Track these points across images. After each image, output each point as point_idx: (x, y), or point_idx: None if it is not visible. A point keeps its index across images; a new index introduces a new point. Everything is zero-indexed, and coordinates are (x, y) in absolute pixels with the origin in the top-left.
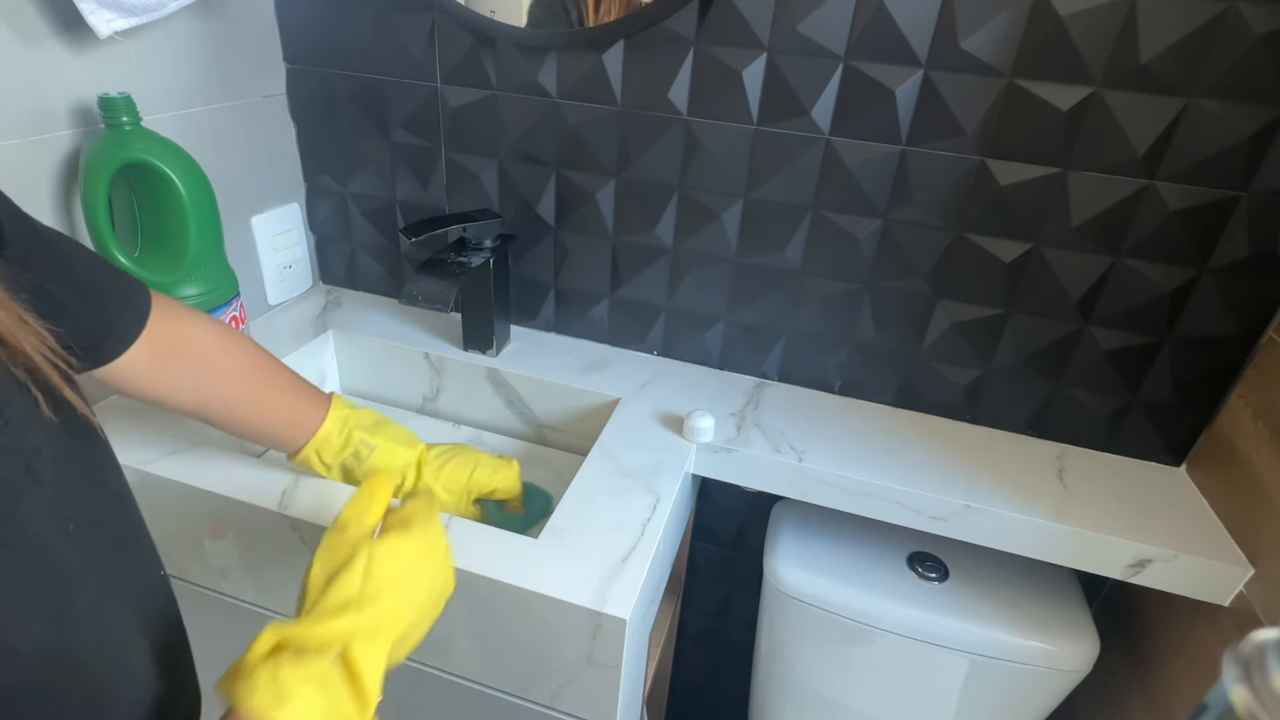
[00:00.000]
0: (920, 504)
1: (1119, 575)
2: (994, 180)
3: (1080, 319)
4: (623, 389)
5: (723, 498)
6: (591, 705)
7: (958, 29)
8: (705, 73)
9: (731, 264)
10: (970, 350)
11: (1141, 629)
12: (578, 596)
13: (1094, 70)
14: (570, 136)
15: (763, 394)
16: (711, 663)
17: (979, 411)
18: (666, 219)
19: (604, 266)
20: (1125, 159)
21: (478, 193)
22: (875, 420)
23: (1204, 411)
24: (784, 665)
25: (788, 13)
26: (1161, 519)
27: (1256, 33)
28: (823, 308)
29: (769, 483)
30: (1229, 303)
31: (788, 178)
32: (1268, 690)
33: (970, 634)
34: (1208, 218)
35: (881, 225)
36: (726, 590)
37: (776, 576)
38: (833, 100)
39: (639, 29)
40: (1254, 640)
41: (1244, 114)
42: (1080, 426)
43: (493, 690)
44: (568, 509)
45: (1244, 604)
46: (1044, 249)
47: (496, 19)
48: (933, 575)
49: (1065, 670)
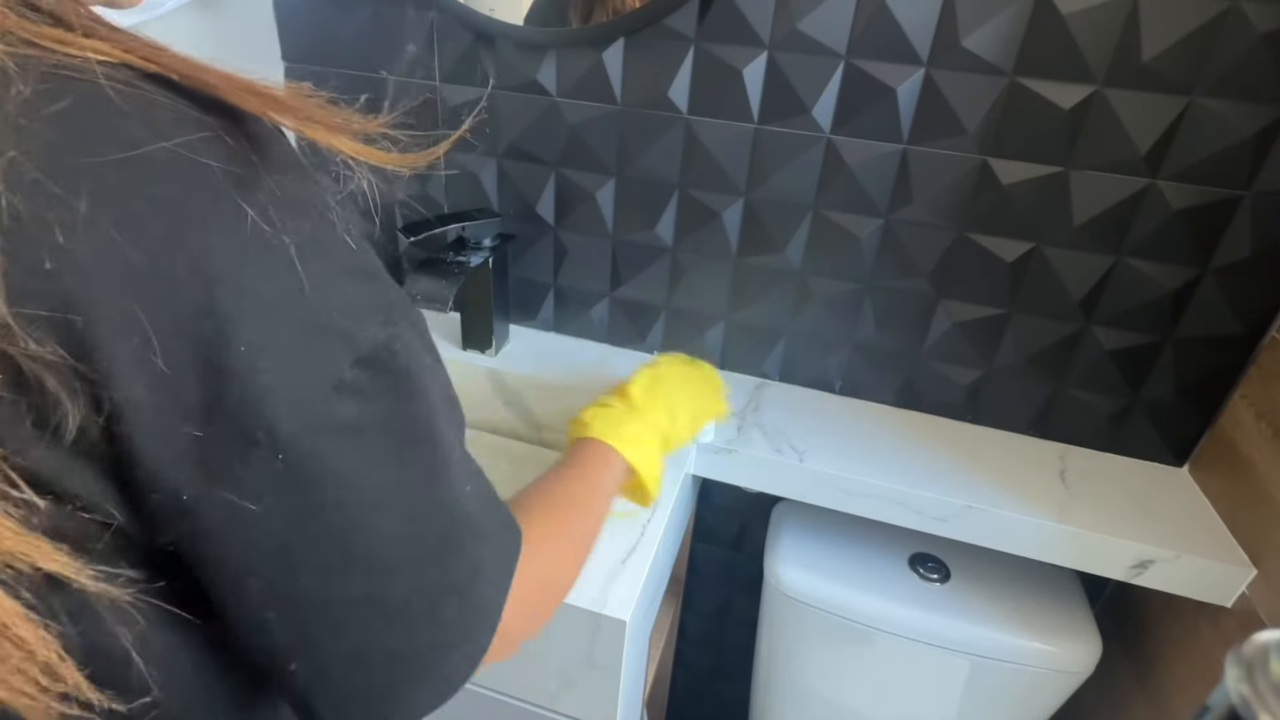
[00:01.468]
0: (922, 505)
1: (1121, 576)
2: (996, 179)
3: (1082, 318)
4: None
5: (723, 499)
6: (591, 706)
7: (959, 27)
8: (705, 71)
9: (731, 263)
10: (972, 350)
11: (1144, 630)
12: (577, 597)
13: (1096, 69)
14: (570, 135)
15: (763, 394)
16: (712, 664)
17: (981, 412)
18: (666, 218)
19: (604, 266)
20: (1127, 158)
21: (477, 192)
22: (876, 420)
23: (1206, 412)
24: (785, 667)
25: (788, 11)
26: (1164, 520)
27: (1259, 31)
28: (823, 307)
29: (769, 483)
30: (1231, 302)
31: (788, 177)
32: (1270, 691)
33: (972, 635)
34: (1210, 217)
35: (883, 224)
36: (727, 591)
37: (777, 578)
38: (834, 99)
39: (639, 27)
40: (1256, 641)
41: (1246, 113)
42: (1082, 427)
43: (493, 691)
44: None
45: (1246, 605)
46: (1046, 248)
47: (496, 17)
48: (934, 576)
49: (1067, 672)
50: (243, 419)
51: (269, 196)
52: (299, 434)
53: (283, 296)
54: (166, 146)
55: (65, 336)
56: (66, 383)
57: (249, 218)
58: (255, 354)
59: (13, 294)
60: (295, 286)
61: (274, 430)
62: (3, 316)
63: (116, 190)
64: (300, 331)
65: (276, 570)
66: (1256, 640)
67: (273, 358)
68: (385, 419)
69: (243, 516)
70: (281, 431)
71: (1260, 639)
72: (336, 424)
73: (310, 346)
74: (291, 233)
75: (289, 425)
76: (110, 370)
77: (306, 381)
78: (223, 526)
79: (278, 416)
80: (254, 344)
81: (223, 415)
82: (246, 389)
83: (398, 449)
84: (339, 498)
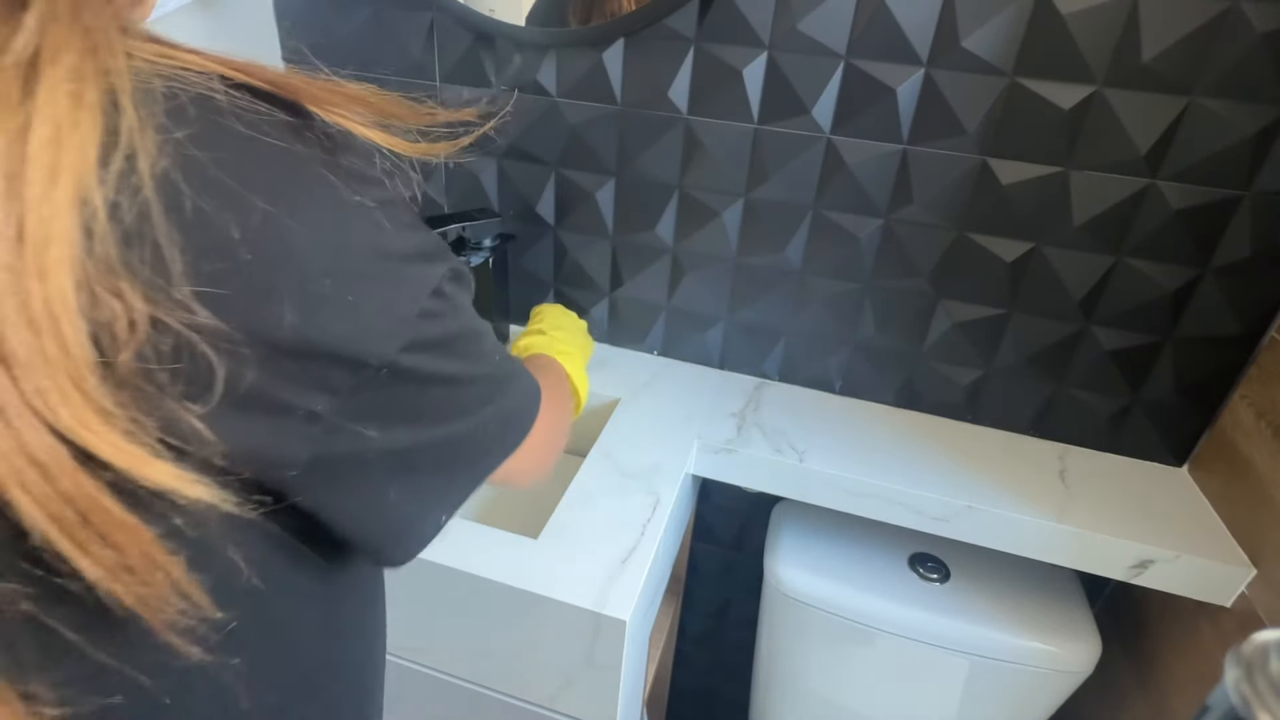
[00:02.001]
0: (921, 504)
1: (1121, 576)
2: (995, 179)
3: (1082, 319)
4: (622, 389)
5: (723, 498)
6: (591, 706)
7: (959, 27)
8: (705, 71)
9: (732, 263)
10: (972, 350)
11: (1143, 630)
12: (578, 598)
13: (1096, 69)
14: (570, 135)
15: (763, 394)
16: (712, 664)
17: (980, 412)
18: (666, 218)
19: (604, 266)
20: (1127, 158)
21: (477, 192)
22: (876, 420)
23: (1206, 412)
24: (785, 666)
25: (788, 11)
26: (1163, 520)
27: (1259, 31)
28: (823, 307)
29: (769, 483)
30: (1231, 302)
31: (788, 177)
32: (1270, 691)
33: (972, 635)
34: (1210, 217)
35: (882, 225)
36: (727, 591)
37: (777, 577)
38: (833, 99)
39: (639, 27)
40: (1256, 641)
41: (1246, 113)
42: (1082, 427)
43: (493, 691)
44: (568, 509)
45: (1246, 605)
46: (1046, 248)
47: (496, 17)
48: (934, 576)
49: (1067, 671)
50: (352, 352)
51: (347, 173)
52: (396, 355)
53: (379, 246)
54: (274, 143)
55: (224, 307)
56: (216, 346)
57: (338, 188)
58: (359, 300)
59: (190, 276)
60: (385, 237)
61: (381, 354)
62: (185, 296)
63: (267, 186)
64: (389, 275)
65: (402, 452)
66: (1256, 640)
67: (369, 300)
68: (457, 332)
69: (364, 427)
70: (385, 354)
71: (1260, 639)
72: (427, 342)
73: (396, 285)
74: (370, 198)
75: (389, 351)
76: (253, 329)
77: (399, 311)
78: (351, 438)
79: (380, 345)
80: (359, 287)
81: (329, 346)
82: (355, 327)
83: (468, 349)
84: (442, 394)
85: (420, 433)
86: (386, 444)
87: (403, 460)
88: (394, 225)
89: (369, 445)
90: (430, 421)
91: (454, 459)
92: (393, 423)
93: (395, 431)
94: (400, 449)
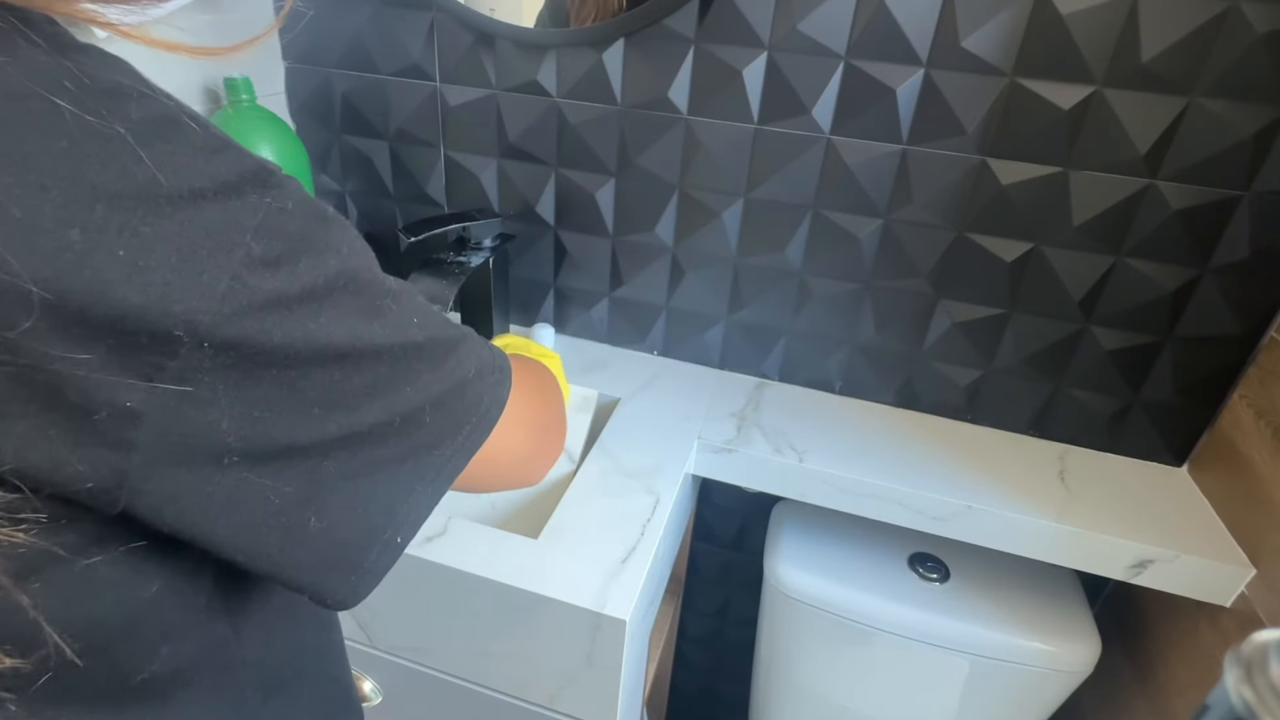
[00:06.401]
0: (921, 504)
1: (1120, 576)
2: (995, 179)
3: (1082, 319)
4: (622, 389)
5: (723, 498)
6: (591, 706)
7: (959, 28)
8: (705, 71)
9: (732, 264)
10: (971, 350)
11: (1143, 630)
12: (578, 597)
13: (1095, 69)
14: (570, 135)
15: (763, 394)
16: (712, 664)
17: (980, 412)
18: (666, 218)
19: (604, 266)
20: (1127, 158)
21: (477, 192)
22: (876, 420)
23: (1206, 412)
24: (785, 666)
25: (788, 11)
26: (1163, 520)
27: (1258, 32)
28: (823, 307)
29: (769, 483)
30: (1230, 302)
31: (788, 177)
32: (1270, 691)
33: (971, 635)
34: (1209, 217)
35: (882, 225)
36: (727, 591)
37: (777, 577)
38: (833, 99)
39: (639, 27)
40: (1256, 641)
41: (1246, 113)
42: (1082, 427)
43: (492, 691)
44: (568, 509)
45: (1246, 605)
46: (1045, 248)
47: (496, 17)
48: (934, 576)
49: (1067, 671)
50: (151, 323)
51: (78, 83)
52: (221, 320)
53: (140, 188)
54: None
55: None
56: None
57: (65, 112)
58: (135, 256)
59: None
60: (146, 174)
61: (193, 324)
62: None
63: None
64: (174, 219)
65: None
66: (1256, 640)
67: (156, 254)
68: (322, 285)
69: (193, 400)
70: (201, 323)
71: (1260, 638)
72: (269, 300)
73: (191, 231)
74: (120, 119)
75: (206, 316)
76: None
77: (206, 267)
78: (178, 418)
79: (191, 310)
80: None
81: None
82: (146, 293)
83: (353, 307)
84: (326, 373)
85: (313, 429)
86: (263, 446)
87: (303, 468)
88: (162, 152)
89: (229, 450)
90: (322, 413)
91: (382, 461)
92: (258, 418)
93: (269, 428)
94: (286, 450)
